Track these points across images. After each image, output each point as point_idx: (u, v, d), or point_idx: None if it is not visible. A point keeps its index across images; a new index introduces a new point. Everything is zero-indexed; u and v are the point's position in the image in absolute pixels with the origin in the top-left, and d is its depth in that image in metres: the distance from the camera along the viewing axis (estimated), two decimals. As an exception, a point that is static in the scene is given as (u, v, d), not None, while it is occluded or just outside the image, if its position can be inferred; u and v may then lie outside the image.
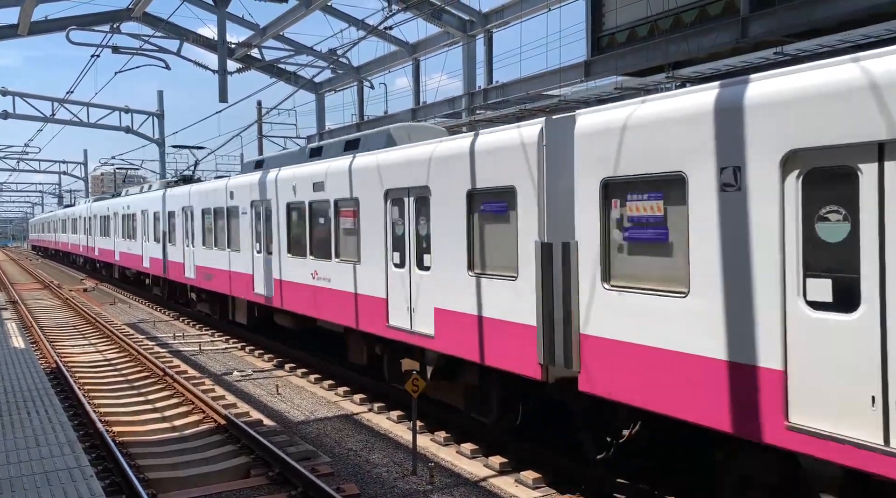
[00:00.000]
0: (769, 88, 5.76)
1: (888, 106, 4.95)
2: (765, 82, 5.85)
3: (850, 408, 5.16)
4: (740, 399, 5.87)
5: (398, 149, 11.21)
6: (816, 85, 5.41)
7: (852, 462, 5.13)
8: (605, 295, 7.17)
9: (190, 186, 21.81)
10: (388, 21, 22.39)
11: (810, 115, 5.40)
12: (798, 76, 5.60)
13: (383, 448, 10.00)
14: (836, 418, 5.24)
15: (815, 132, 5.36)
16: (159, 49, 22.37)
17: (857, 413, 5.12)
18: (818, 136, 5.34)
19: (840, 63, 5.35)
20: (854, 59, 5.29)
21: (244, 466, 9.24)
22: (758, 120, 5.76)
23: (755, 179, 5.76)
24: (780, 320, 5.58)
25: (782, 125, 5.58)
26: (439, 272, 9.86)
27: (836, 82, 5.29)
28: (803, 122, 5.44)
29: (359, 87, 31.94)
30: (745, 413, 5.84)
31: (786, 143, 5.55)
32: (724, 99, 6.08)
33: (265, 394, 13.34)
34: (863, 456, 5.07)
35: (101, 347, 18.19)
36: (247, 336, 18.76)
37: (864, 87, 5.10)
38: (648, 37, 17.61)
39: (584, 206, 7.44)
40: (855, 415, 5.14)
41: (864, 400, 5.09)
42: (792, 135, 5.51)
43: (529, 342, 8.09)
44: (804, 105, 5.45)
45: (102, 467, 9.06)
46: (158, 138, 44.19)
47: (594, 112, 7.52)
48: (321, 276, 13.23)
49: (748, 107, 5.84)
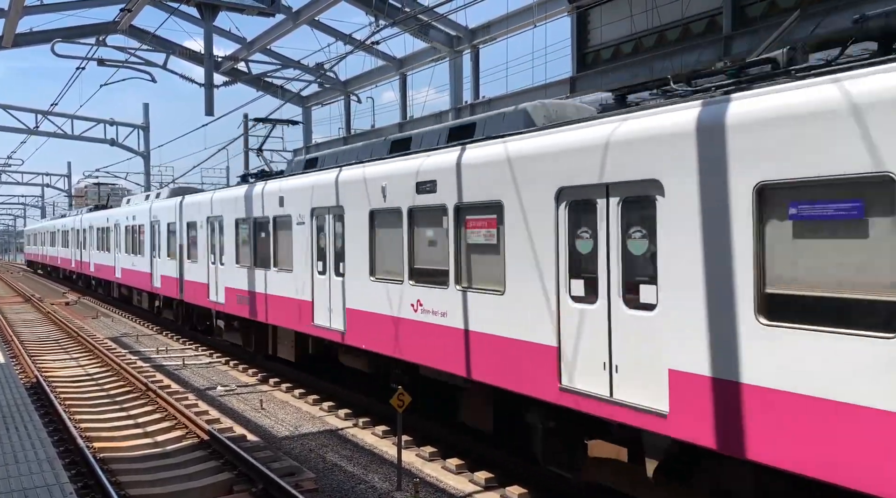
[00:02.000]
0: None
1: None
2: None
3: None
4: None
5: (569, 130, 7.75)
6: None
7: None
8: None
9: (214, 193, 18.76)
10: (375, 36, 22.51)
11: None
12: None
13: (368, 463, 9.92)
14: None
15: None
16: (145, 62, 22.35)
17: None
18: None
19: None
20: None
21: (227, 481, 9.13)
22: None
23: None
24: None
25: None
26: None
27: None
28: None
29: (346, 101, 32.01)
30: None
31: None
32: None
33: (249, 409, 13.22)
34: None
35: (82, 361, 17.97)
36: (231, 351, 18.61)
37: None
38: (633, 54, 17.82)
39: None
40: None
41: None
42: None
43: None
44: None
45: (83, 484, 8.91)
46: (143, 151, 43.99)
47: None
48: (428, 307, 9.78)
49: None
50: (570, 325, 7.45)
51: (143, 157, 44.11)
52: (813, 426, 5.38)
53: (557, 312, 7.56)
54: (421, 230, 10.10)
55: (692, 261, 6.24)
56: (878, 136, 5.05)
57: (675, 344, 6.38)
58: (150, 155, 44.18)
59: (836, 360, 5.27)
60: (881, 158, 5.04)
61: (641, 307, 6.72)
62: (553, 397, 7.61)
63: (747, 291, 5.81)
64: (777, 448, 5.62)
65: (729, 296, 5.95)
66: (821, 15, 12.92)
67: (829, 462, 5.29)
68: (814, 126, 5.43)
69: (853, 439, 5.15)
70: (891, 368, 4.97)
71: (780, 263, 5.69)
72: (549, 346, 7.68)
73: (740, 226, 5.88)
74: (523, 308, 8.06)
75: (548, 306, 7.72)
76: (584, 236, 7.42)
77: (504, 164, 8.43)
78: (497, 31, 23.29)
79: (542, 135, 8.07)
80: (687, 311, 6.27)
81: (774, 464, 5.66)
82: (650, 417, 6.58)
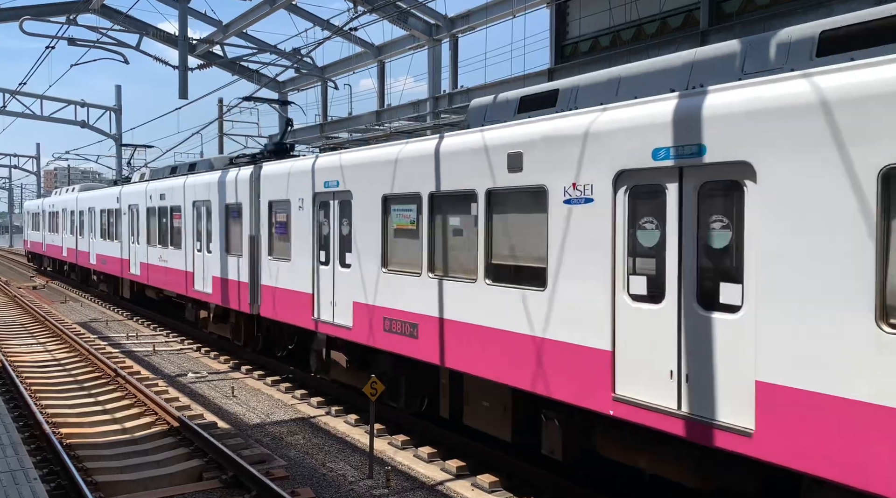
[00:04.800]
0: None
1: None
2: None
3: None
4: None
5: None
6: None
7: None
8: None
9: (342, 154, 11.70)
10: (353, 22, 22.31)
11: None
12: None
13: (340, 451, 9.91)
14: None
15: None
16: (117, 43, 21.89)
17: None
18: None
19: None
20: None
21: (197, 469, 9.06)
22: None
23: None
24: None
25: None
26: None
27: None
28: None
29: (323, 88, 31.74)
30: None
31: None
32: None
33: (220, 396, 13.11)
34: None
35: (49, 346, 17.67)
36: (202, 337, 18.42)
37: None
38: (611, 47, 17.89)
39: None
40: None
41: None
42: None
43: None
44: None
45: (48, 470, 8.78)
46: (115, 134, 43.22)
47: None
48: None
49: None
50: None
51: (115, 139, 43.34)
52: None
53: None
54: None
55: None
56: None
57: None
58: (123, 138, 43.42)
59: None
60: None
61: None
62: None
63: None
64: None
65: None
66: (795, 13, 13.10)
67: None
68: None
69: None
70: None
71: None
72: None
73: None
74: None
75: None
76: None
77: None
78: (476, 21, 23.23)
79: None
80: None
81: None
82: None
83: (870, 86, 5.03)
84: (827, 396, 5.20)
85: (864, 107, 5.03)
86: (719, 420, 5.91)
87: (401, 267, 9.99)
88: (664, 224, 6.42)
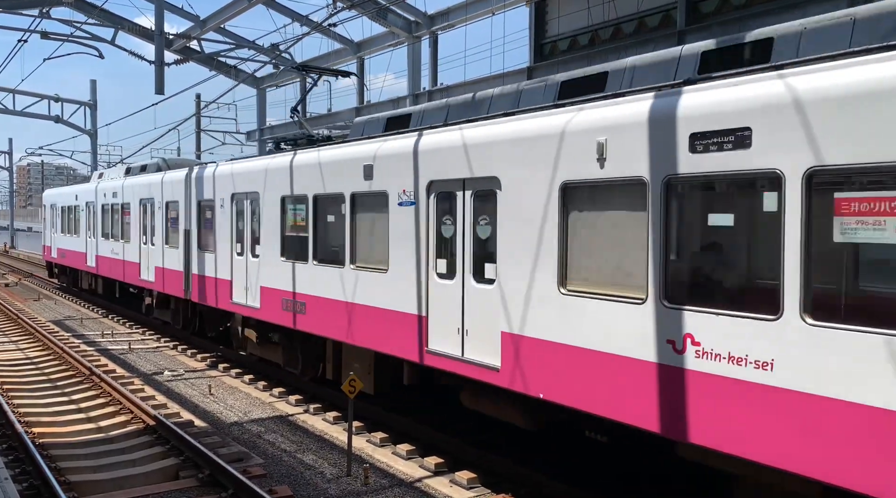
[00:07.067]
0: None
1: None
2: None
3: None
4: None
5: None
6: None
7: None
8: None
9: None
10: (332, 18, 22.20)
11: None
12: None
13: (318, 449, 9.88)
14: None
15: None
16: (92, 37, 21.59)
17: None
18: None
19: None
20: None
21: (173, 467, 8.98)
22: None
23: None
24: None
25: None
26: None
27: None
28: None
29: (302, 84, 31.54)
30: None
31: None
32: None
33: (197, 394, 13.00)
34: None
35: (22, 345, 17.39)
36: (179, 335, 18.26)
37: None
38: (589, 45, 17.99)
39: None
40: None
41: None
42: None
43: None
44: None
45: (20, 470, 8.65)
46: (90, 129, 42.63)
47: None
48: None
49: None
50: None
51: (90, 135, 42.76)
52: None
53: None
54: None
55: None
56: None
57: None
58: (98, 133, 42.84)
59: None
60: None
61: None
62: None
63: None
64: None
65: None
66: (770, 13, 13.26)
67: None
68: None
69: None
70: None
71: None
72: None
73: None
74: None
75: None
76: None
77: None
78: (456, 18, 23.23)
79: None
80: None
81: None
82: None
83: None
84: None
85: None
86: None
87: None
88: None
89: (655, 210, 6.20)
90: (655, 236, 6.22)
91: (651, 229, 6.25)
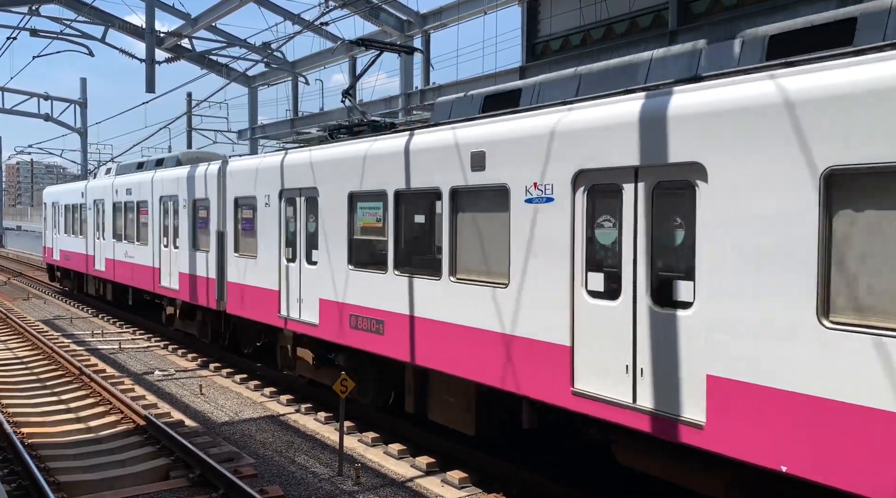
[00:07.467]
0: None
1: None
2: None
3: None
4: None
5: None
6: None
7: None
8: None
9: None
10: (324, 17, 22.16)
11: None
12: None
13: (310, 449, 9.86)
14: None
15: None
16: (82, 35, 21.47)
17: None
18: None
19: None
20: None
21: (163, 467, 8.94)
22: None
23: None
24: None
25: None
26: None
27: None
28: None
29: (293, 83, 31.48)
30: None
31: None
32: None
33: (188, 394, 12.95)
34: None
35: (11, 344, 17.28)
36: (169, 335, 18.18)
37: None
38: (581, 45, 18.03)
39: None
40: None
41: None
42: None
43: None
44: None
45: (9, 470, 8.60)
46: (80, 128, 42.41)
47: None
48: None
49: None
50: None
51: (80, 133, 42.53)
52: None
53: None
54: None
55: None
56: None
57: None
58: (88, 132, 42.63)
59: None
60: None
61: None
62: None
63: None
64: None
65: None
66: (762, 14, 13.32)
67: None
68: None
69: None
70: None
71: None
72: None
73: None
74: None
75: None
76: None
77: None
78: (448, 18, 23.24)
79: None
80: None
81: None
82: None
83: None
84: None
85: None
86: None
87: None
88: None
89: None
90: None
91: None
